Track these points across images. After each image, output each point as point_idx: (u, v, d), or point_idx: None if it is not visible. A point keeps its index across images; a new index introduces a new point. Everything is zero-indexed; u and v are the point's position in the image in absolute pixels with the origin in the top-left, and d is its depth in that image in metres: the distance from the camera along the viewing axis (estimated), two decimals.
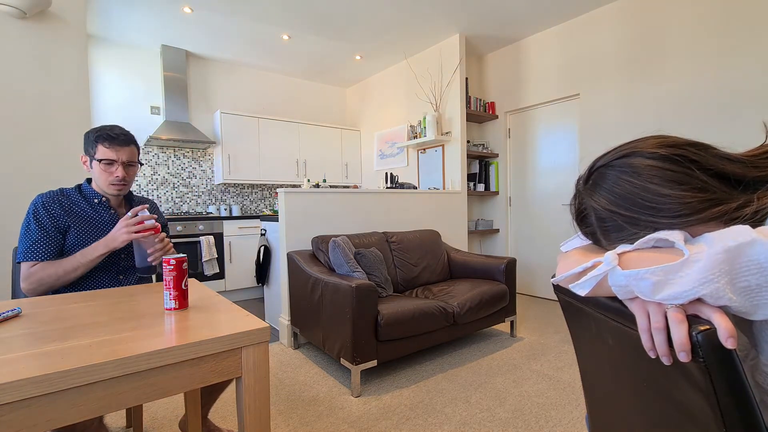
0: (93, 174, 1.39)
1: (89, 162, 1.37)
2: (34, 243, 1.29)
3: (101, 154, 1.34)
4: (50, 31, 2.25)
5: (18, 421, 0.60)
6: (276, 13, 3.45)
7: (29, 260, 1.28)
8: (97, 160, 1.34)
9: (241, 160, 4.40)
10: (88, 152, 1.37)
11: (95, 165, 1.35)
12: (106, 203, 1.42)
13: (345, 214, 3.00)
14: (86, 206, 1.39)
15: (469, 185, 4.20)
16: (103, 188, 1.39)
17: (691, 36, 2.93)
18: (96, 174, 1.37)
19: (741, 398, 0.43)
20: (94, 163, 1.35)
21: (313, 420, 1.81)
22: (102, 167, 1.35)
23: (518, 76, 4.14)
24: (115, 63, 3.96)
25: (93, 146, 1.35)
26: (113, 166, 1.36)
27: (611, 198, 0.58)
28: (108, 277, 1.41)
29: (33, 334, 0.81)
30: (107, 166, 1.35)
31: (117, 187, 1.38)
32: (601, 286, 0.55)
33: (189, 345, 0.75)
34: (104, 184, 1.37)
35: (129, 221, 1.27)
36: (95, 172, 1.37)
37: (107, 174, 1.36)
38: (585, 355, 0.74)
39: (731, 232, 0.45)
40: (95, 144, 1.34)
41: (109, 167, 1.35)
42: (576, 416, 1.81)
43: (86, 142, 1.37)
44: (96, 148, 1.34)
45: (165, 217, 1.67)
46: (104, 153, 1.34)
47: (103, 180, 1.36)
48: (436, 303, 2.36)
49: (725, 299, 0.44)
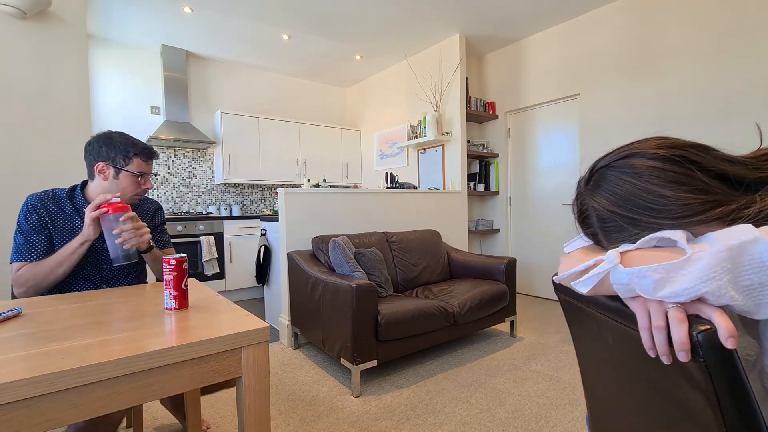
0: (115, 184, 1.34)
1: (113, 172, 1.32)
2: (22, 245, 1.28)
3: (137, 167, 1.34)
4: (50, 31, 2.25)
5: (18, 421, 0.60)
6: (276, 13, 3.45)
7: (17, 261, 1.27)
8: (133, 173, 1.33)
9: (241, 160, 4.40)
10: (115, 162, 1.32)
11: (126, 177, 1.33)
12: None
13: (345, 214, 3.00)
14: (73, 214, 1.35)
15: (469, 185, 4.20)
16: (125, 199, 1.34)
17: (691, 36, 2.93)
18: (123, 186, 1.34)
19: (741, 398, 0.43)
20: (124, 174, 1.33)
21: (313, 420, 1.81)
22: (135, 179, 1.35)
23: (518, 76, 4.14)
24: (115, 63, 3.96)
25: (126, 159, 1.32)
26: (143, 178, 1.38)
27: (612, 199, 0.58)
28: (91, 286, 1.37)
29: (33, 334, 0.81)
30: (141, 180, 1.37)
31: (139, 198, 1.40)
32: (602, 284, 0.55)
33: (189, 345, 0.75)
34: (128, 195, 1.35)
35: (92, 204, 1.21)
36: (122, 184, 1.34)
37: (136, 185, 1.36)
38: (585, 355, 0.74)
39: (734, 231, 0.45)
40: (131, 158, 1.33)
41: (141, 180, 1.37)
42: (576, 416, 1.81)
43: (111, 150, 1.32)
44: (131, 161, 1.33)
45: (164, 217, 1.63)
46: (140, 166, 1.35)
47: (130, 191, 1.35)
48: (436, 303, 2.36)
49: (727, 298, 0.44)
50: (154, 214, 1.58)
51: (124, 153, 1.32)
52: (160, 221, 1.59)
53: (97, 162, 1.32)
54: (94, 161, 1.33)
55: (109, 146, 1.32)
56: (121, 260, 1.22)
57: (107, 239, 1.22)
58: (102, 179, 1.34)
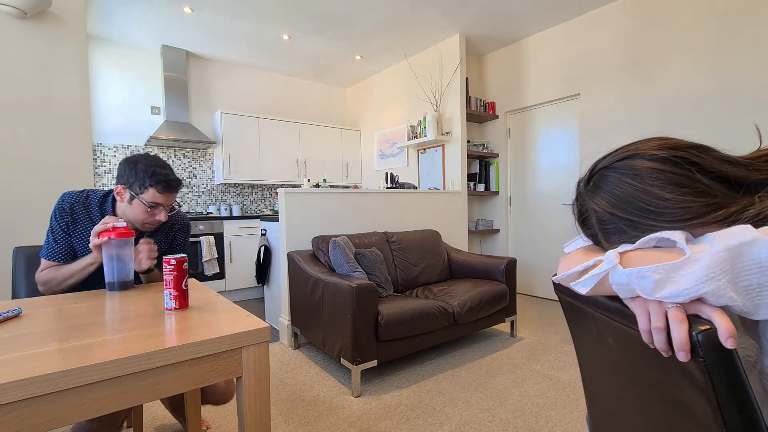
0: (128, 209, 1.30)
1: (128, 197, 1.28)
2: (50, 244, 1.31)
3: (151, 197, 1.27)
4: (50, 31, 2.25)
5: (18, 421, 0.60)
6: (276, 13, 3.46)
7: (44, 258, 1.30)
8: (144, 204, 1.27)
9: (242, 160, 4.40)
10: (132, 188, 1.27)
11: (137, 205, 1.28)
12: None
13: (345, 214, 3.00)
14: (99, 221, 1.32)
15: (470, 185, 4.20)
16: (136, 225, 1.31)
17: (691, 36, 2.93)
18: (134, 212, 1.29)
19: (741, 398, 0.43)
20: (137, 202, 1.28)
21: (313, 420, 1.81)
22: (146, 209, 1.28)
23: (518, 76, 4.14)
24: (116, 63, 3.96)
25: (143, 187, 1.26)
26: (157, 209, 1.30)
27: (612, 200, 0.58)
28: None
29: (33, 334, 0.81)
30: (152, 209, 1.29)
31: (151, 227, 1.34)
32: (602, 284, 0.55)
33: (189, 345, 0.75)
34: (138, 222, 1.30)
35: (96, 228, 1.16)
36: (134, 210, 1.29)
37: (147, 216, 1.30)
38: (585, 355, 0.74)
39: (733, 232, 0.45)
40: (147, 186, 1.26)
41: (153, 210, 1.29)
42: (576, 416, 1.81)
43: (131, 176, 1.28)
44: (146, 191, 1.26)
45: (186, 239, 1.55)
46: (154, 197, 1.27)
47: (140, 219, 1.30)
48: (437, 303, 2.36)
49: (726, 298, 0.44)
50: (175, 233, 1.50)
51: (141, 181, 1.27)
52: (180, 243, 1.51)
53: (118, 184, 1.30)
54: (118, 181, 1.31)
55: (131, 171, 1.28)
56: (116, 287, 1.20)
57: (105, 264, 1.19)
58: (119, 199, 1.31)
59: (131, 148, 4.03)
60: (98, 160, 3.87)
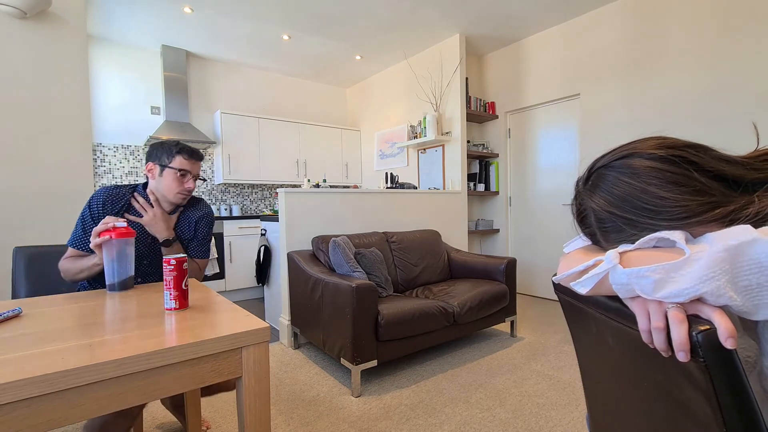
0: (160, 182, 1.41)
1: (158, 170, 1.40)
2: (76, 232, 1.35)
3: (178, 164, 1.40)
4: (50, 31, 2.25)
5: (18, 421, 0.60)
6: (276, 13, 3.46)
7: (69, 246, 1.35)
8: (174, 169, 1.39)
9: (241, 160, 4.40)
10: (161, 161, 1.40)
11: (168, 173, 1.40)
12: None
13: (345, 214, 3.00)
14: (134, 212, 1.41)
15: (469, 185, 4.20)
16: (169, 197, 1.41)
17: (691, 36, 2.93)
18: (166, 182, 1.40)
19: (741, 398, 0.43)
20: (168, 171, 1.39)
21: (313, 420, 1.81)
22: (177, 177, 1.40)
23: (518, 76, 4.14)
24: (116, 63, 3.96)
25: (170, 156, 1.40)
26: (186, 177, 1.42)
27: (610, 199, 0.58)
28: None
29: (33, 334, 0.81)
30: (182, 177, 1.41)
31: (183, 196, 1.44)
32: (602, 284, 0.55)
33: (189, 345, 0.75)
34: (171, 192, 1.41)
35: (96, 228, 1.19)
36: (165, 181, 1.40)
37: (178, 184, 1.41)
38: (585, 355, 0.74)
39: (733, 232, 0.45)
40: (174, 155, 1.40)
41: (183, 178, 1.42)
42: (576, 416, 1.81)
43: (159, 151, 1.41)
44: (174, 158, 1.40)
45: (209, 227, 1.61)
46: (182, 164, 1.41)
47: (173, 189, 1.40)
48: (437, 303, 2.36)
49: (726, 298, 0.44)
50: (197, 222, 1.55)
51: (168, 151, 1.41)
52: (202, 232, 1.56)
53: (147, 162, 1.43)
54: (146, 162, 1.43)
55: (158, 148, 1.42)
56: (116, 288, 1.20)
57: (105, 264, 1.20)
58: (150, 178, 1.42)
59: (131, 148, 4.04)
60: (98, 160, 3.87)
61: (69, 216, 2.30)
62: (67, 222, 2.29)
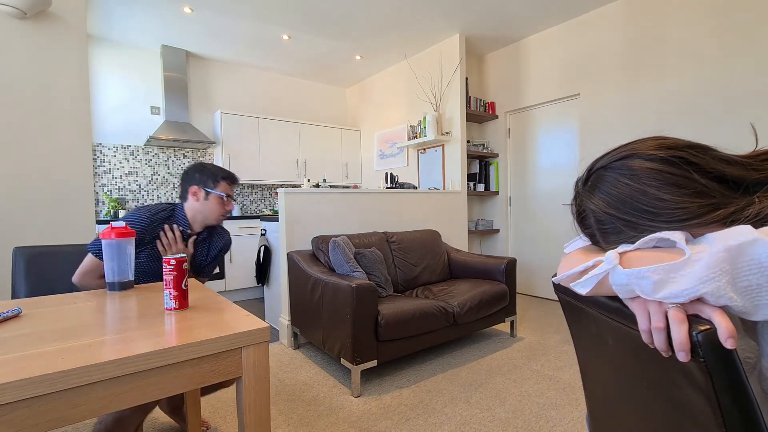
0: (204, 205, 1.54)
1: (203, 194, 1.53)
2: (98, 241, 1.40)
3: (223, 189, 1.55)
4: (50, 31, 2.25)
5: (18, 421, 0.60)
6: (276, 13, 3.45)
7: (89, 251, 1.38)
8: (220, 194, 1.54)
9: (241, 160, 4.40)
10: (206, 185, 1.53)
11: (214, 198, 1.54)
12: (185, 235, 1.56)
13: (345, 214, 3.00)
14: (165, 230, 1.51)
15: (469, 185, 4.20)
16: (211, 219, 1.56)
17: (691, 36, 2.93)
18: (211, 206, 1.54)
19: (741, 398, 0.43)
20: (213, 196, 1.54)
21: (313, 420, 1.81)
22: (222, 201, 1.55)
23: (518, 76, 4.14)
24: (116, 63, 3.96)
25: (215, 182, 1.54)
26: (228, 201, 1.58)
27: (609, 200, 0.58)
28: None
29: (33, 334, 0.81)
30: (225, 201, 1.57)
31: (223, 218, 1.60)
32: (602, 285, 0.55)
33: (189, 345, 0.75)
34: (214, 215, 1.55)
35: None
36: (210, 205, 1.54)
37: (222, 206, 1.56)
38: (585, 355, 0.74)
39: (733, 232, 0.45)
40: (219, 181, 1.54)
41: (225, 201, 1.57)
42: (576, 416, 1.81)
43: (203, 176, 1.54)
44: (219, 184, 1.54)
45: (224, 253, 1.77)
46: (226, 189, 1.56)
47: (216, 212, 1.55)
48: (436, 303, 2.36)
49: (726, 298, 0.44)
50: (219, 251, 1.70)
51: (213, 177, 1.54)
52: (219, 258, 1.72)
53: (191, 185, 1.54)
54: (188, 185, 1.54)
55: (202, 172, 1.54)
56: (116, 287, 1.22)
57: (105, 264, 1.21)
58: (194, 200, 1.54)
59: (131, 148, 4.03)
60: (98, 160, 3.87)
61: (69, 216, 2.29)
62: (67, 222, 2.29)
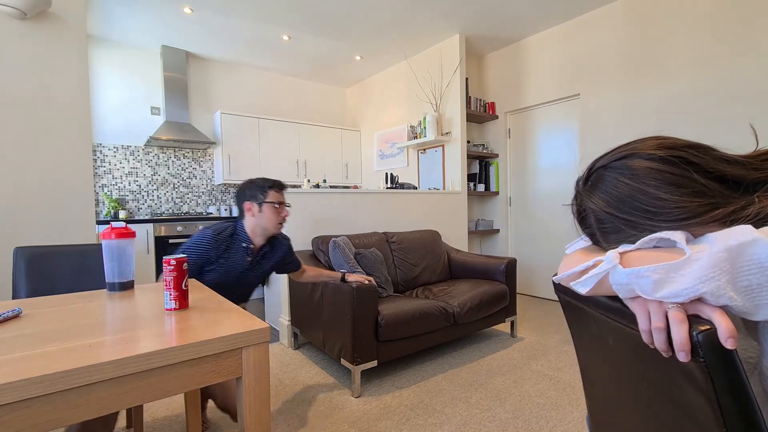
0: (261, 217, 1.61)
1: (257, 208, 1.60)
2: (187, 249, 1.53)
3: (273, 197, 1.61)
4: (50, 32, 2.25)
5: (18, 422, 0.60)
6: (276, 13, 3.46)
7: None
8: (271, 203, 1.60)
9: (242, 161, 4.40)
10: (257, 198, 1.60)
11: (267, 208, 1.60)
12: (249, 249, 1.63)
13: (345, 215, 3.00)
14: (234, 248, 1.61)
15: (469, 185, 4.20)
16: (270, 228, 1.62)
17: (691, 36, 2.93)
18: (267, 216, 1.61)
19: (741, 398, 0.43)
20: (266, 206, 1.60)
21: (313, 420, 1.81)
22: (275, 208, 1.61)
23: (518, 76, 4.14)
24: (116, 63, 3.96)
25: (264, 193, 1.60)
26: (281, 208, 1.64)
27: (609, 200, 0.58)
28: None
29: (33, 334, 0.81)
30: (278, 208, 1.62)
31: (281, 225, 1.66)
32: (602, 284, 0.55)
33: (189, 345, 0.75)
34: (272, 223, 1.62)
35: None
36: (266, 215, 1.60)
37: (277, 214, 1.62)
38: (585, 355, 0.74)
39: (733, 232, 0.44)
40: (267, 190, 1.61)
41: (279, 208, 1.63)
42: (576, 416, 1.81)
43: (252, 190, 1.61)
44: (268, 194, 1.61)
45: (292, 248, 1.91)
46: (276, 197, 1.62)
47: (273, 219, 1.61)
48: (437, 303, 2.36)
49: (726, 298, 0.44)
50: (284, 255, 1.84)
51: (261, 189, 1.61)
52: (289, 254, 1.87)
53: (244, 202, 1.62)
54: (242, 202, 1.62)
55: (251, 188, 1.62)
56: (116, 288, 1.21)
57: (106, 264, 1.20)
58: (250, 216, 1.62)
59: (131, 149, 4.03)
60: (98, 160, 3.87)
61: (69, 216, 2.29)
62: (67, 222, 2.29)
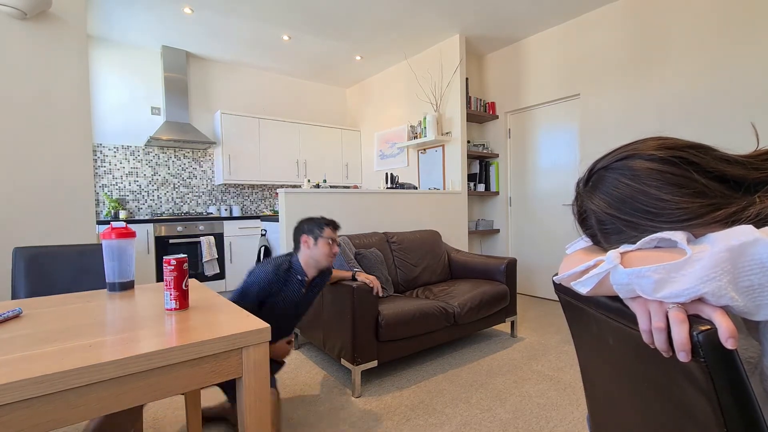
0: (315, 250, 1.74)
1: (313, 241, 1.74)
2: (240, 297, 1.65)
3: (328, 234, 1.76)
4: (51, 32, 2.25)
5: (19, 422, 0.60)
6: (276, 13, 3.46)
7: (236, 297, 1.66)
8: (327, 238, 1.74)
9: (242, 161, 4.40)
10: (314, 234, 1.74)
11: (322, 242, 1.74)
12: (303, 282, 1.75)
13: (345, 215, 3.00)
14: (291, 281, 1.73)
15: (470, 185, 4.20)
16: (322, 261, 1.75)
17: (691, 36, 2.93)
18: (321, 249, 1.74)
19: (742, 398, 0.42)
20: (321, 240, 1.74)
21: (313, 420, 1.81)
22: (328, 243, 1.75)
23: (518, 76, 4.14)
24: (116, 64, 3.96)
25: (321, 229, 1.75)
26: (333, 244, 1.77)
27: (610, 201, 0.58)
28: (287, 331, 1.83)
29: (34, 334, 0.81)
30: (331, 244, 1.76)
31: (332, 259, 1.78)
32: (602, 284, 0.55)
33: (189, 345, 0.75)
34: (324, 256, 1.74)
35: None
36: (320, 249, 1.74)
37: (329, 248, 1.75)
38: (586, 356, 0.74)
39: (734, 232, 0.44)
40: (324, 227, 1.76)
41: (332, 244, 1.76)
42: (577, 416, 1.81)
43: (310, 225, 1.76)
44: (324, 230, 1.75)
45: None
46: (330, 234, 1.76)
47: (325, 253, 1.74)
48: (437, 303, 2.36)
49: (727, 298, 0.44)
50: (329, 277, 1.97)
51: (319, 225, 1.76)
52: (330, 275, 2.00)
53: (301, 236, 1.76)
54: (299, 236, 1.77)
55: (309, 223, 1.78)
56: (116, 288, 1.23)
57: (106, 264, 1.22)
58: (305, 248, 1.75)
59: (131, 149, 4.04)
60: (98, 160, 3.87)
61: (69, 216, 2.30)
62: (67, 222, 2.29)
